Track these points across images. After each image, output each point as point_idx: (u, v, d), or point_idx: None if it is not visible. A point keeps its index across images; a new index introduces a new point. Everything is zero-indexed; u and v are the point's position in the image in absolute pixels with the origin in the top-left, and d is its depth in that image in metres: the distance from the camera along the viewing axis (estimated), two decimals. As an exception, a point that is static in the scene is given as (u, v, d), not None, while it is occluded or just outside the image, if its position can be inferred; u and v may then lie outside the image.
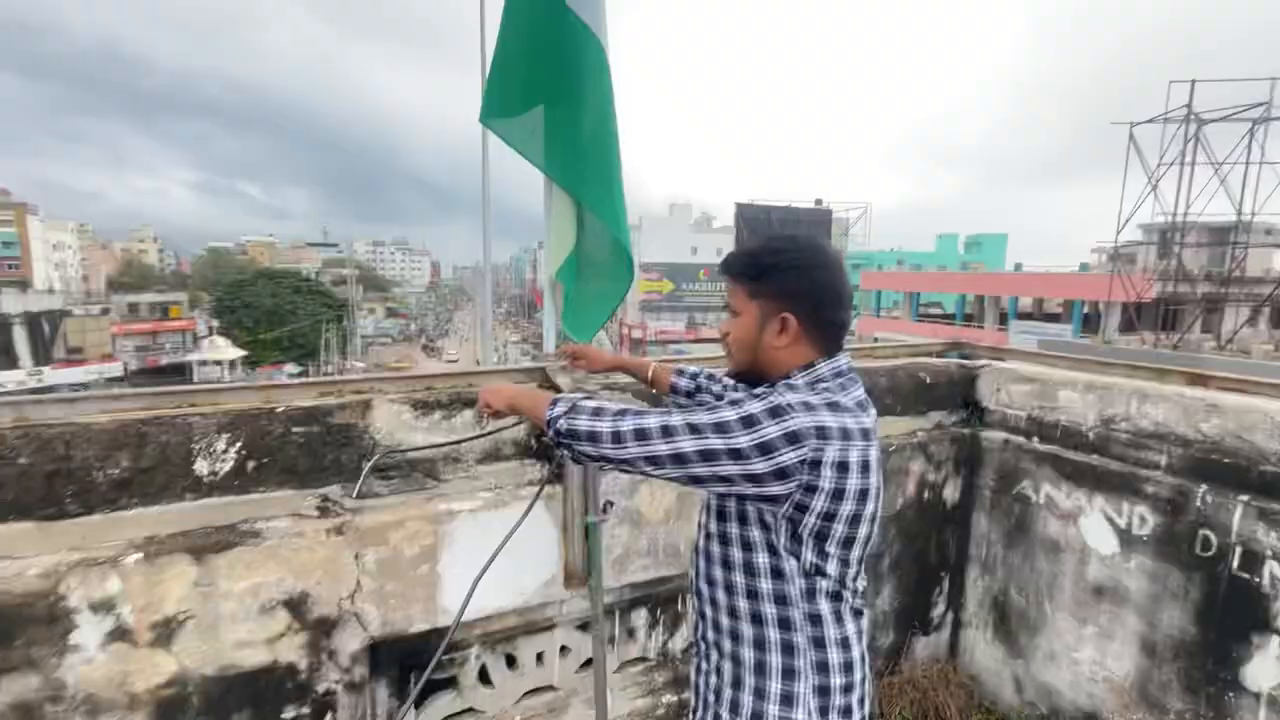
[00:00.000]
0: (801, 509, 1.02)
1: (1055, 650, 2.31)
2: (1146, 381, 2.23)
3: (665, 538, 1.90)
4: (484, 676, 1.89)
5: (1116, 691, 2.14)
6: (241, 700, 1.42)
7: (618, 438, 1.05)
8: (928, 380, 2.55)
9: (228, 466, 1.47)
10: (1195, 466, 1.96)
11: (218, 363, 36.43)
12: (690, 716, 1.25)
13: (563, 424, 1.10)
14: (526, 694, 1.95)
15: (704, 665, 1.21)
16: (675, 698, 2.08)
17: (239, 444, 1.49)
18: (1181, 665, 1.98)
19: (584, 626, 1.99)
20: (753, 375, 1.18)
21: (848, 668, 1.11)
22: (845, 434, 1.01)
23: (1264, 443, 1.83)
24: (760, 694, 1.10)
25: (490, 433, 1.76)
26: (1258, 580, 1.80)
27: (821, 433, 1.00)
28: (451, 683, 1.84)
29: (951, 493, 2.55)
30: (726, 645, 1.15)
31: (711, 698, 1.18)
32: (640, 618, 2.09)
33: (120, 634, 1.30)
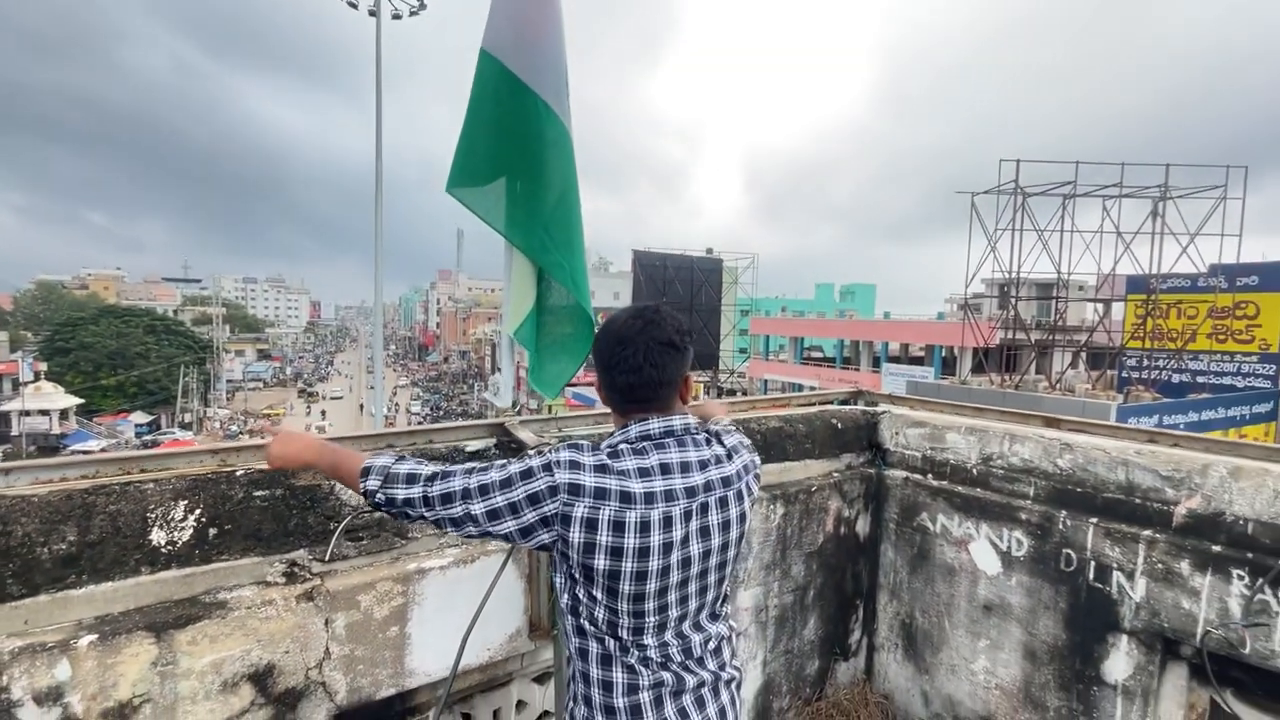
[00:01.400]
0: (564, 559, 1.14)
1: (955, 664, 2.61)
2: (1014, 424, 2.66)
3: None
4: None
5: (1007, 696, 2.46)
6: (197, 788, 1.33)
7: (427, 502, 1.17)
8: (839, 425, 2.86)
9: (187, 535, 1.40)
10: (1056, 495, 2.36)
11: (44, 412, 31.66)
12: None
13: (380, 497, 1.19)
14: (483, 754, 1.93)
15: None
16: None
17: (198, 510, 1.43)
18: (1056, 667, 2.33)
19: (540, 679, 2.01)
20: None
21: (610, 704, 1.16)
22: (601, 493, 1.10)
23: (1105, 474, 2.25)
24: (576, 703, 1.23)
25: (455, 489, 1.79)
26: (1108, 589, 2.19)
27: (573, 489, 1.10)
28: (409, 749, 1.79)
29: (863, 527, 2.84)
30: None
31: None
32: (593, 665, 2.14)
33: (67, 725, 1.20)
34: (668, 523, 1.12)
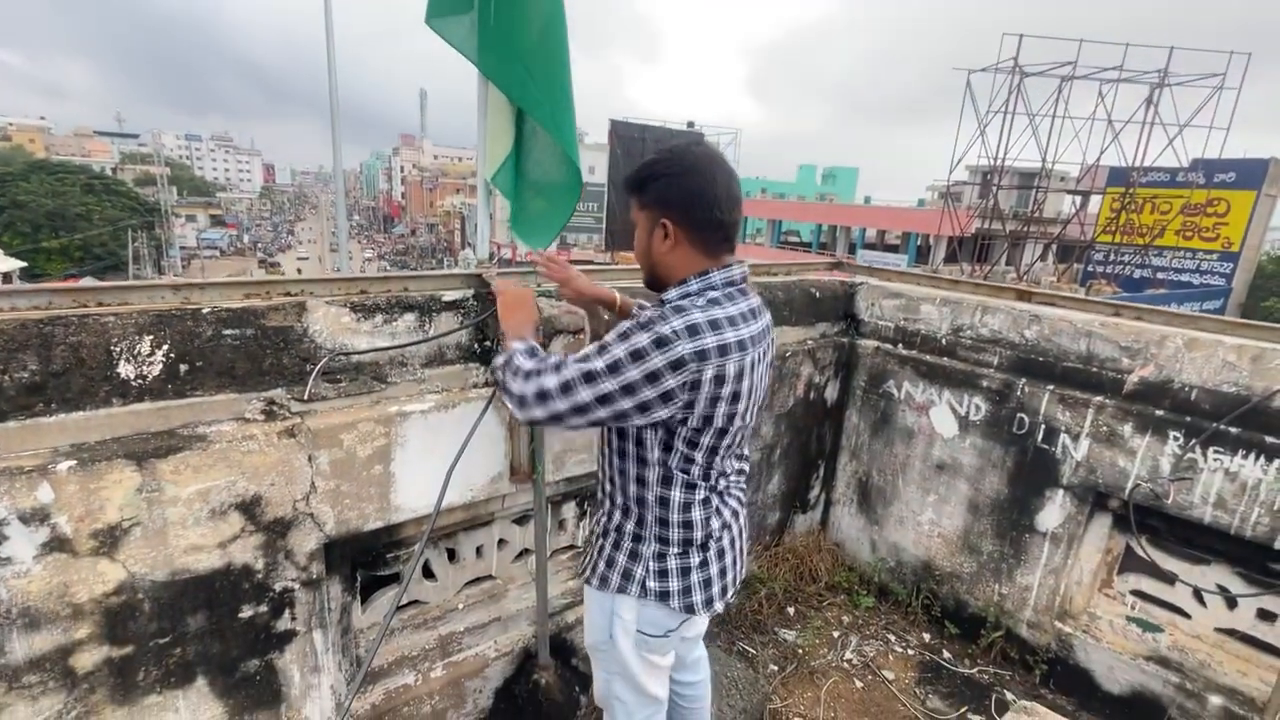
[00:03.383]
0: (682, 422, 1.21)
1: (904, 516, 2.84)
2: (987, 297, 2.70)
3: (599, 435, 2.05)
4: (427, 571, 1.98)
5: (947, 543, 2.71)
6: (196, 603, 1.41)
7: (523, 402, 1.24)
8: (817, 295, 2.87)
9: (157, 370, 1.36)
10: (1018, 364, 2.45)
11: (-14, 274, 29.99)
12: (587, 561, 1.49)
13: (500, 376, 1.32)
14: (467, 584, 2.07)
15: (599, 518, 1.46)
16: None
17: (165, 346, 1.38)
18: (994, 519, 2.55)
19: (520, 520, 2.12)
20: (657, 284, 1.30)
21: (687, 545, 1.35)
22: (723, 350, 1.16)
23: (1068, 344, 2.33)
24: (617, 545, 1.39)
25: (433, 338, 1.76)
26: (1052, 449, 2.35)
27: (701, 355, 1.13)
28: (397, 578, 1.91)
29: (832, 393, 2.95)
30: (607, 506, 1.42)
31: (595, 543, 1.45)
32: (570, 510, 2.26)
33: (58, 544, 1.22)
34: (751, 369, 1.23)
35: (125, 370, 1.34)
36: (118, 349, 1.34)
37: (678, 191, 1.20)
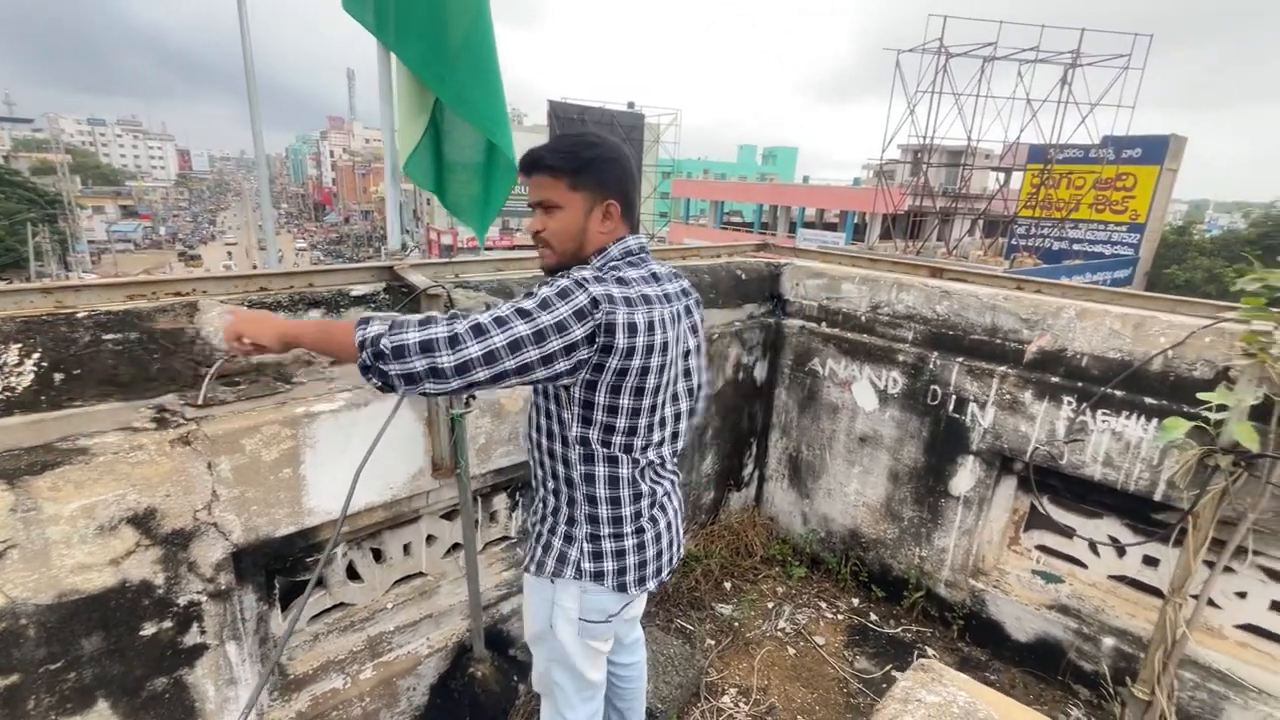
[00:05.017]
0: (598, 370, 1.20)
1: (831, 489, 2.95)
2: (903, 274, 2.81)
3: (525, 420, 2.04)
4: (352, 573, 1.94)
5: (871, 511, 2.83)
6: (90, 625, 1.33)
7: (454, 341, 1.08)
8: (743, 276, 2.91)
9: (27, 381, 1.27)
10: (931, 339, 2.57)
11: None
12: (528, 550, 1.49)
13: (386, 342, 1.07)
14: (396, 583, 2.04)
15: (535, 506, 1.47)
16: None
17: (36, 354, 1.29)
18: (913, 486, 2.68)
19: (449, 515, 2.10)
20: (573, 264, 1.28)
21: (618, 522, 1.36)
22: (628, 301, 1.18)
23: (975, 318, 2.45)
24: (553, 530, 1.40)
25: (342, 334, 1.70)
26: (963, 418, 2.48)
27: (610, 300, 1.15)
28: (320, 582, 1.86)
29: (760, 372, 3.02)
30: (540, 492, 1.43)
31: (544, 530, 1.43)
32: (501, 501, 2.24)
33: (-81, 574, 1.13)
34: (666, 323, 1.24)
35: (-11, 383, 1.24)
36: (-20, 360, 1.24)
37: (619, 174, 1.25)
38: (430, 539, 2.08)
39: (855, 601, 2.83)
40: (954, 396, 2.49)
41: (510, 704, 2.10)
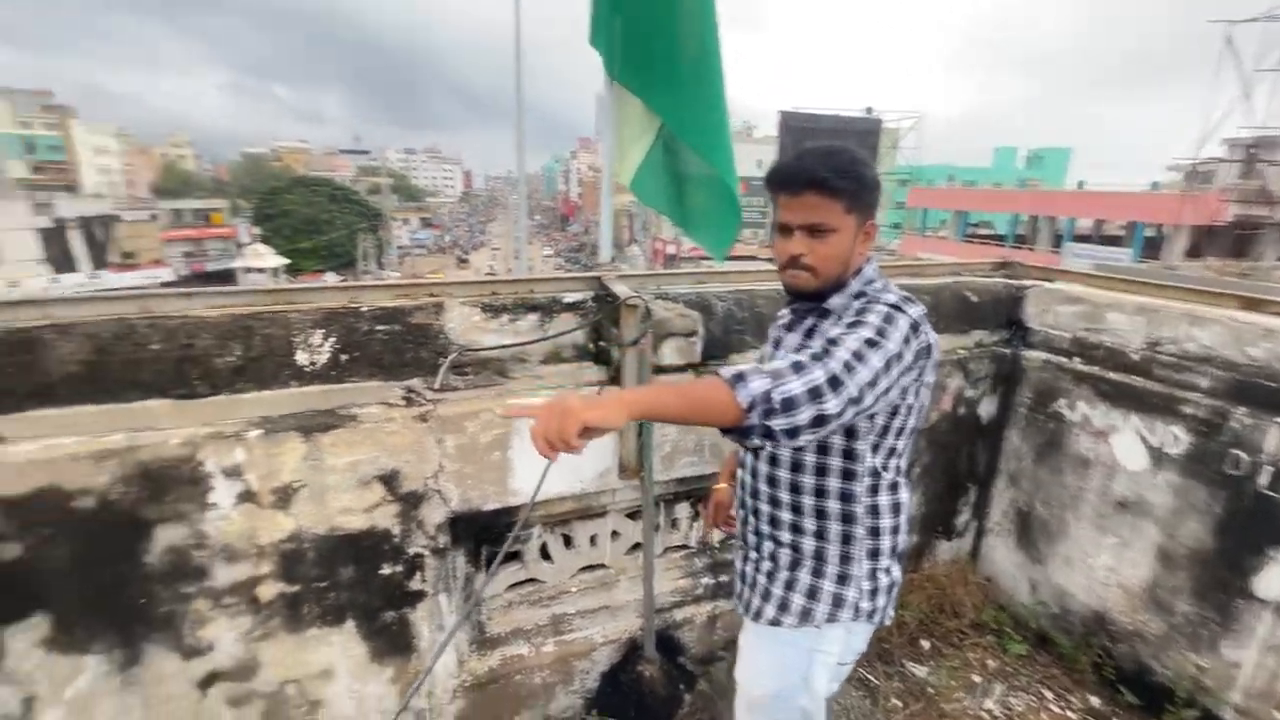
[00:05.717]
0: (893, 412, 1.16)
1: (1072, 557, 2.45)
2: (1199, 305, 2.22)
3: (710, 437, 2.04)
4: (545, 553, 2.13)
5: (1127, 594, 2.29)
6: (347, 557, 1.66)
7: (835, 384, 0.96)
8: (973, 299, 2.57)
9: (324, 358, 1.63)
10: (1236, 389, 1.99)
11: (261, 270, 37.34)
12: (737, 598, 1.40)
13: (777, 396, 0.93)
14: (581, 570, 2.19)
15: (754, 555, 1.35)
16: (713, 580, 2.30)
17: (332, 339, 1.65)
18: (1194, 574, 2.10)
19: (633, 514, 2.19)
20: (830, 289, 1.20)
21: (894, 551, 1.29)
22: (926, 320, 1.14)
23: (1311, 367, 1.84)
24: (818, 574, 1.27)
25: (552, 337, 1.88)
26: (1281, 497, 1.88)
27: (924, 320, 1.13)
28: (517, 556, 2.08)
29: (987, 409, 2.63)
30: (785, 537, 1.28)
31: (763, 580, 1.31)
32: (683, 510, 2.28)
33: (248, 496, 1.52)
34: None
35: (301, 358, 1.61)
36: (297, 339, 1.62)
37: (879, 191, 1.19)
38: (615, 535, 2.20)
39: (1095, 701, 2.31)
40: (1268, 468, 1.90)
41: (675, 710, 2.13)
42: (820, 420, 0.96)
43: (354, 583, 1.69)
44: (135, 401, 1.47)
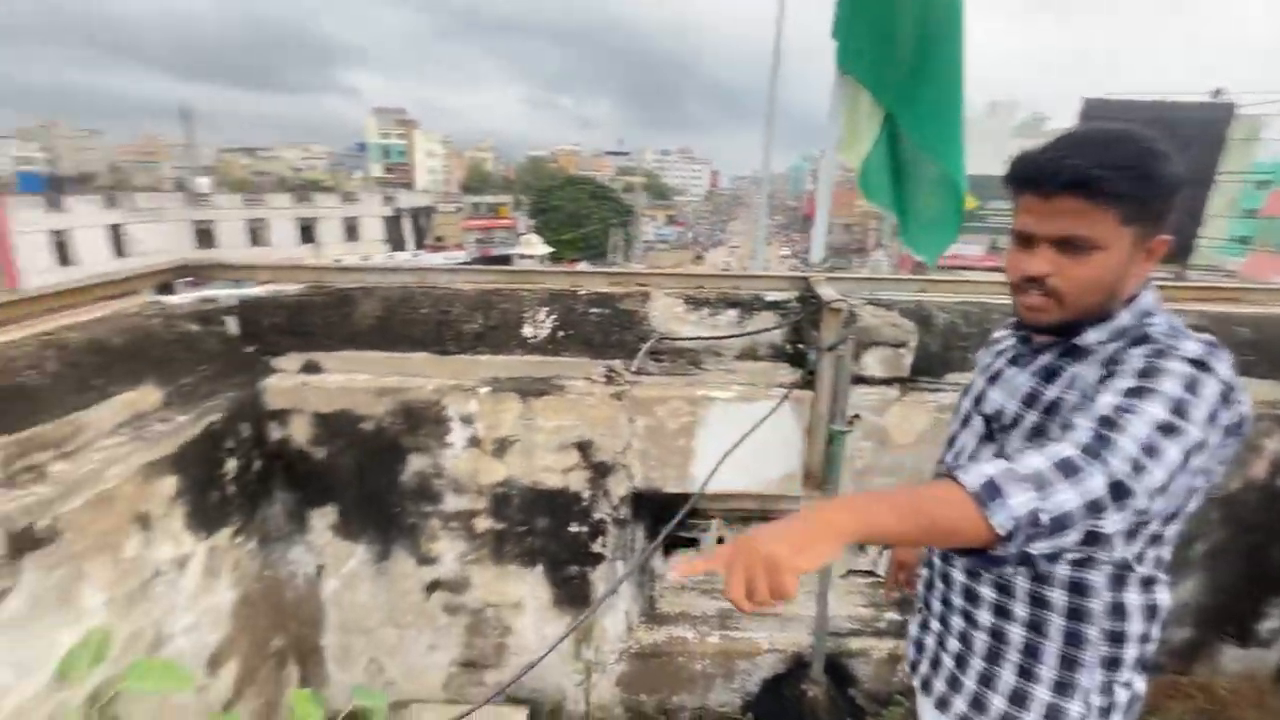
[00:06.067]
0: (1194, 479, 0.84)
1: None
2: None
3: (911, 462, 1.86)
4: (721, 542, 2.15)
5: None
6: (544, 509, 1.88)
7: (1120, 492, 0.71)
8: (1325, 338, 1.92)
9: (545, 333, 1.86)
10: None
11: (530, 256, 43.14)
12: (911, 668, 1.18)
13: (1046, 516, 0.70)
14: (756, 571, 2.17)
15: (938, 627, 1.11)
16: (900, 618, 2.11)
17: (553, 317, 1.87)
18: None
19: (816, 527, 2.10)
20: (1083, 322, 0.91)
21: (1140, 661, 0.97)
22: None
23: None
24: (1027, 674, 0.98)
25: (750, 333, 1.89)
26: None
27: (1238, 384, 0.81)
28: (694, 543, 2.14)
29: (1329, 487, 1.96)
30: (984, 618, 1.02)
31: (949, 662, 1.08)
32: (874, 534, 2.12)
33: (475, 442, 1.82)
34: None
35: (527, 330, 1.86)
36: (526, 314, 1.87)
37: (1178, 196, 0.85)
38: (794, 543, 2.13)
39: None
40: None
41: (836, 742, 2.00)
42: (1091, 539, 0.72)
43: (546, 533, 1.91)
44: (406, 352, 1.84)
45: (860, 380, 1.83)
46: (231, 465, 1.64)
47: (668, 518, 2.06)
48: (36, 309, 1.50)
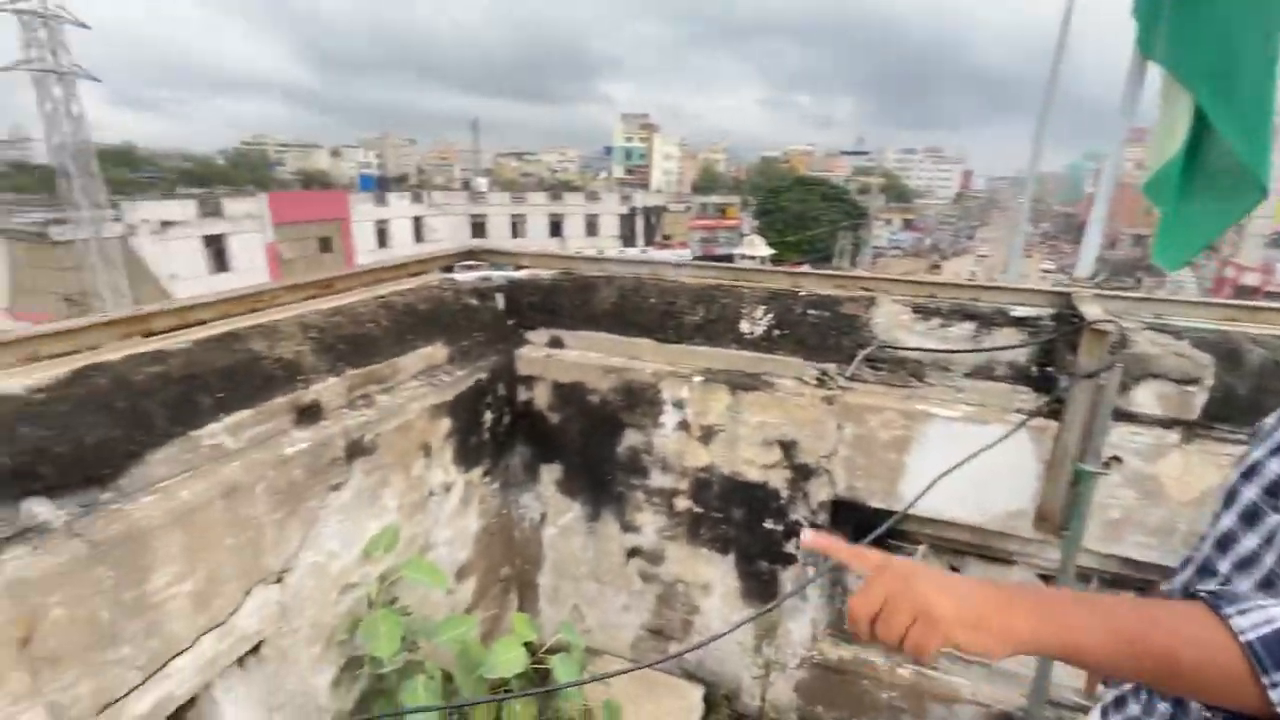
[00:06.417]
0: None
1: None
2: None
3: (1188, 524, 1.53)
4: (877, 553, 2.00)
5: None
6: (742, 500, 1.94)
7: None
8: None
9: (760, 330, 1.91)
10: None
11: (752, 257, 43.09)
12: None
13: None
14: (965, 611, 1.97)
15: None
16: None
17: (770, 315, 1.90)
18: None
19: (1046, 578, 1.84)
20: None
21: None
22: None
23: None
24: None
25: (984, 349, 1.72)
26: None
27: None
28: (894, 565, 2.02)
29: None
30: None
31: None
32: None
33: (683, 426, 1.94)
34: None
35: (744, 326, 1.93)
36: (744, 311, 1.94)
37: None
38: (1017, 591, 1.89)
39: None
40: None
41: (1045, 827, 1.74)
42: None
43: (741, 524, 1.96)
44: (633, 336, 2.03)
45: (1125, 416, 1.55)
46: (488, 417, 1.98)
47: (869, 533, 1.98)
48: (368, 279, 1.97)
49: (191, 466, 1.15)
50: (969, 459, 1.51)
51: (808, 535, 0.80)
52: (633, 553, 2.12)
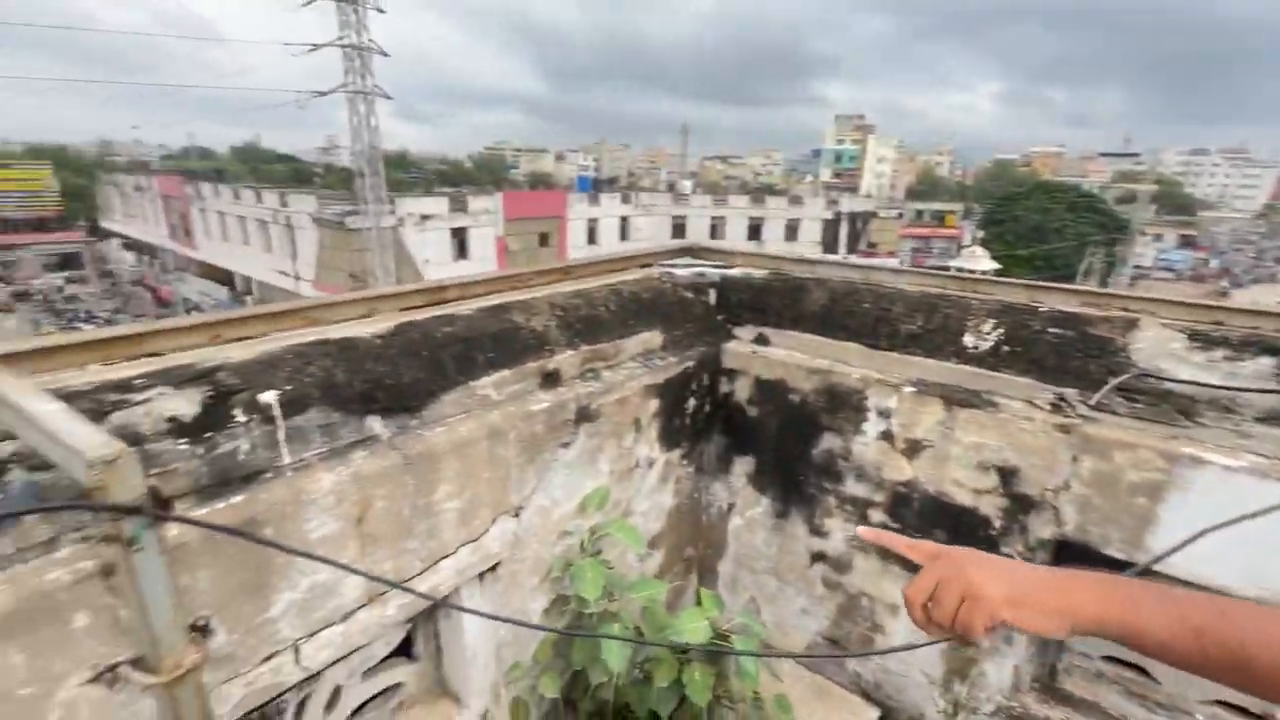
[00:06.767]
0: None
1: None
2: None
3: None
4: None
5: None
6: (946, 524, 1.83)
7: None
8: None
9: (986, 345, 1.78)
10: None
11: (971, 272, 38.70)
12: None
13: None
14: (1219, 703, 1.65)
15: None
16: None
17: (1000, 330, 1.76)
18: None
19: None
20: None
21: None
22: None
23: None
24: None
25: (1291, 393, 1.42)
26: None
27: None
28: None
29: None
30: None
31: None
32: None
33: (887, 436, 1.88)
34: None
35: (968, 339, 1.81)
36: (970, 323, 1.82)
37: None
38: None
39: None
40: None
41: None
42: None
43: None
44: (840, 340, 2.01)
45: None
46: (691, 403, 2.11)
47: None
48: (602, 269, 2.21)
49: (468, 409, 1.43)
50: (1256, 514, 1.28)
51: (862, 529, 0.85)
52: (818, 557, 2.11)
